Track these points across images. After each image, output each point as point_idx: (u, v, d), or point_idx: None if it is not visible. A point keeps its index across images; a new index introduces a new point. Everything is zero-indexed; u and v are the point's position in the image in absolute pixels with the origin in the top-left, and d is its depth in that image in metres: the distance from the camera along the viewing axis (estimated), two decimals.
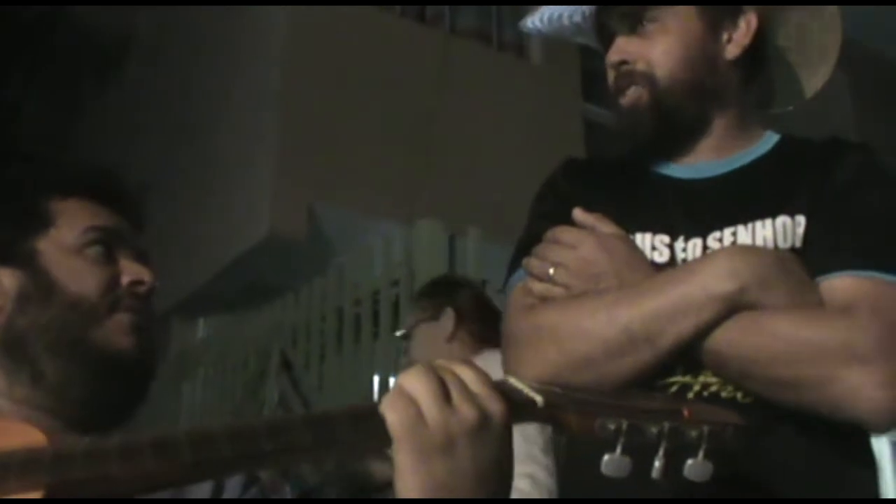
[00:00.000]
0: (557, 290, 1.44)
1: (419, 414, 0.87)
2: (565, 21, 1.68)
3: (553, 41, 5.95)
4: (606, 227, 1.48)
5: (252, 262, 5.33)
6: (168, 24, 7.03)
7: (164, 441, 0.81)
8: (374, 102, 5.36)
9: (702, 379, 1.39)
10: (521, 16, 1.71)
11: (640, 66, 1.54)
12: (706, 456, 0.92)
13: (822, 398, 1.30)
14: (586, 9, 1.63)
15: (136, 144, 6.59)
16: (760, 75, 1.63)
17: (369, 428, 0.87)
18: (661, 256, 1.49)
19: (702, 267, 1.38)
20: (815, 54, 1.64)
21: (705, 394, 1.39)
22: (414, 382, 0.89)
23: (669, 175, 1.59)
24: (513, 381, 0.95)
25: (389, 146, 5.33)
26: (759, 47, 1.58)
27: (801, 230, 1.45)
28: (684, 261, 1.47)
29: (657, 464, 0.92)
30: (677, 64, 1.54)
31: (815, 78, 1.65)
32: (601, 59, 1.62)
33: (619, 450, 0.91)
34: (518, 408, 0.92)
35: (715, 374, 1.38)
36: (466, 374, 0.92)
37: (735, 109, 1.59)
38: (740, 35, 1.56)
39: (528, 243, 1.54)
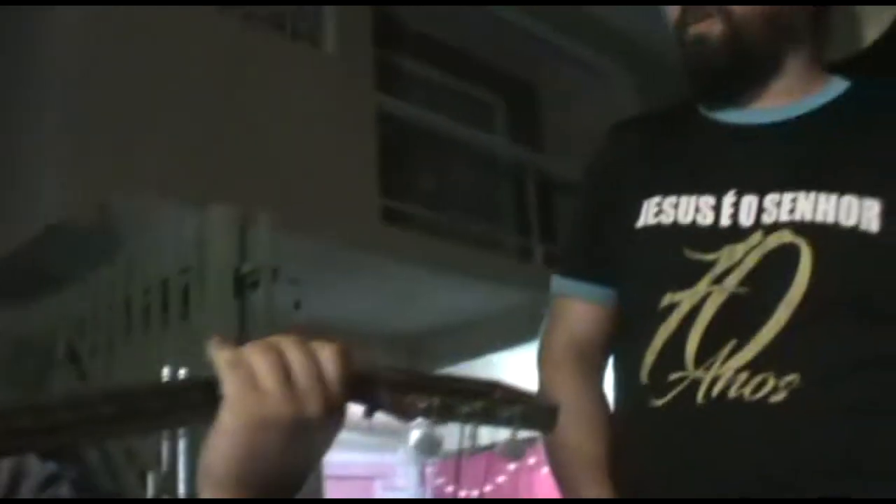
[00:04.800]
0: None
1: (255, 382, 0.86)
2: None
3: (346, 30, 6.00)
4: None
5: (36, 252, 5.15)
6: None
7: None
8: (167, 89, 5.26)
9: (711, 374, 1.37)
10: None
11: None
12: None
13: None
14: None
15: None
16: (830, 13, 1.48)
17: (179, 398, 0.86)
18: (706, 219, 1.38)
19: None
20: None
21: (713, 391, 1.37)
22: (255, 355, 0.88)
23: (729, 122, 1.47)
24: None
25: (182, 133, 5.24)
26: None
27: (872, 213, 1.34)
28: (731, 218, 1.37)
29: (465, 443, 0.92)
30: None
31: (876, 26, 1.55)
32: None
33: (428, 427, 0.90)
34: None
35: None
36: (325, 354, 0.90)
37: (807, 49, 1.47)
38: None
39: (580, 231, 1.50)
